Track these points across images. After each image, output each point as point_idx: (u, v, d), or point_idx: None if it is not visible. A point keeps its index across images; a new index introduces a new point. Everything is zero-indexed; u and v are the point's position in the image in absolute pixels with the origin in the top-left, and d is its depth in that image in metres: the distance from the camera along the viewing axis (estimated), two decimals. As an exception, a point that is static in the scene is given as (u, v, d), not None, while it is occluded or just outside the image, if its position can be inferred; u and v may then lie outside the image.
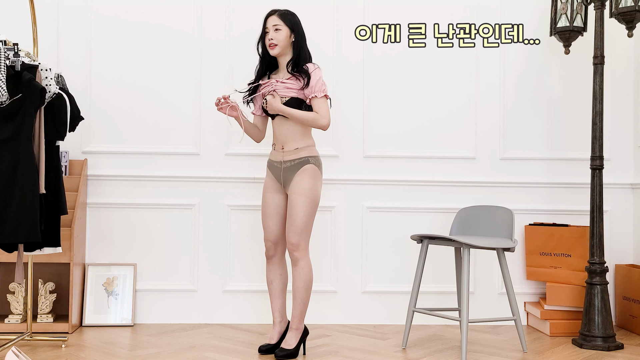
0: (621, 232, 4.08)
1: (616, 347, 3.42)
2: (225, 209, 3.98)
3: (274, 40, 3.18)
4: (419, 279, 3.42)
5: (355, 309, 4.00)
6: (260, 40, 3.28)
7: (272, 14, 3.23)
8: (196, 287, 3.96)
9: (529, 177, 4.06)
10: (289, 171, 3.18)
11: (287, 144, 3.20)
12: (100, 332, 3.67)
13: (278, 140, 3.23)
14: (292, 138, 3.19)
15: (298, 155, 3.18)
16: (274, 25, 3.19)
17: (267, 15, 3.24)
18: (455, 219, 3.66)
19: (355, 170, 4.03)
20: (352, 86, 4.03)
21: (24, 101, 2.93)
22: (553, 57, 4.07)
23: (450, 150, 4.06)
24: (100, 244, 3.94)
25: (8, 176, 2.90)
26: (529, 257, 3.96)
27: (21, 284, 3.56)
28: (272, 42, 3.18)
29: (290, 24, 3.20)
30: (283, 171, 3.20)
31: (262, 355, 3.21)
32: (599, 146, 3.55)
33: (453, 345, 3.49)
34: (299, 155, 3.18)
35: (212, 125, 3.99)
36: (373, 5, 4.05)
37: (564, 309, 3.77)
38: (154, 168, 3.97)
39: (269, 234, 3.25)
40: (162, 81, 3.99)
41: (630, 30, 3.47)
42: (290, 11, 3.26)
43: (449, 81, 4.06)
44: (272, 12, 3.24)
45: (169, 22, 4.00)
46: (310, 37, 3.97)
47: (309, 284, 3.17)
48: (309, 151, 3.20)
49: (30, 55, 3.21)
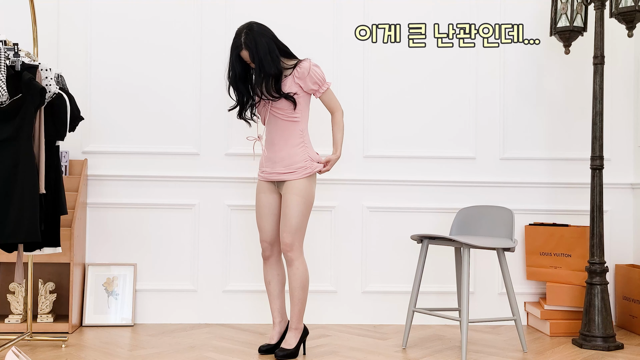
0: (621, 232, 4.08)
1: (616, 347, 3.42)
2: (225, 209, 3.98)
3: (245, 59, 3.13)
4: (419, 279, 3.42)
5: (355, 309, 4.00)
6: (229, 75, 3.17)
7: (236, 47, 3.11)
8: (196, 287, 3.96)
9: (529, 177, 4.06)
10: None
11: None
12: (100, 332, 3.67)
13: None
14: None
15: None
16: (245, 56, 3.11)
17: (235, 51, 3.13)
18: (455, 219, 3.66)
19: (355, 170, 4.03)
20: (352, 86, 4.03)
21: (24, 101, 2.93)
22: (553, 57, 4.07)
23: (450, 150, 4.06)
24: (100, 244, 3.94)
25: (8, 176, 2.90)
26: (529, 257, 3.96)
27: (21, 284, 3.56)
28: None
29: (248, 44, 3.07)
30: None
31: (262, 356, 3.21)
32: (599, 146, 3.55)
33: (453, 345, 3.49)
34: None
35: (212, 125, 3.99)
36: (373, 5, 4.05)
37: (564, 309, 3.77)
38: (154, 168, 3.97)
39: (264, 234, 3.25)
40: (162, 81, 3.99)
41: (630, 30, 3.47)
42: (248, 28, 3.09)
43: (449, 81, 4.06)
44: (236, 45, 3.11)
45: (169, 22, 4.00)
46: (311, 37, 3.99)
47: (305, 284, 3.17)
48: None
49: (30, 55, 3.21)
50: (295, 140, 3.16)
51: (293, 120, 3.15)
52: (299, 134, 3.16)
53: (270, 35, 3.13)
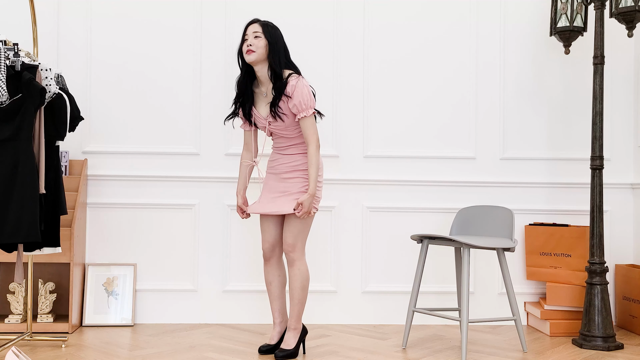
0: (621, 232, 4.08)
1: (616, 347, 3.41)
2: (225, 209, 3.98)
3: (252, 47, 3.05)
4: (419, 279, 3.42)
5: (355, 309, 4.00)
6: (239, 51, 3.15)
7: (253, 22, 3.13)
8: (196, 287, 3.96)
9: (529, 177, 4.06)
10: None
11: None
12: (100, 332, 3.67)
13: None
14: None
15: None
16: (254, 32, 3.08)
17: (248, 24, 3.14)
18: (455, 219, 3.66)
19: (355, 170, 4.03)
20: (353, 86, 4.03)
21: (24, 101, 2.93)
22: (553, 57, 4.07)
23: (450, 150, 4.06)
24: (100, 244, 3.94)
25: (8, 176, 2.90)
26: (529, 257, 3.96)
27: (21, 284, 3.56)
28: (250, 48, 3.06)
29: (270, 36, 3.08)
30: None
31: (262, 356, 3.21)
32: (599, 146, 3.55)
33: (453, 345, 3.49)
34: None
35: (212, 125, 3.99)
36: (373, 5, 4.04)
37: (564, 309, 3.77)
38: (154, 168, 3.97)
39: (266, 235, 3.24)
40: (162, 81, 3.99)
41: (630, 30, 3.47)
42: (272, 24, 3.14)
43: (449, 81, 4.06)
44: (253, 21, 3.14)
45: (169, 21, 4.00)
46: (310, 38, 3.99)
47: (305, 285, 3.17)
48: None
49: (30, 55, 3.21)
50: (300, 146, 3.17)
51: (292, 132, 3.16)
52: (303, 139, 3.17)
53: (283, 39, 3.17)
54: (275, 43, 3.08)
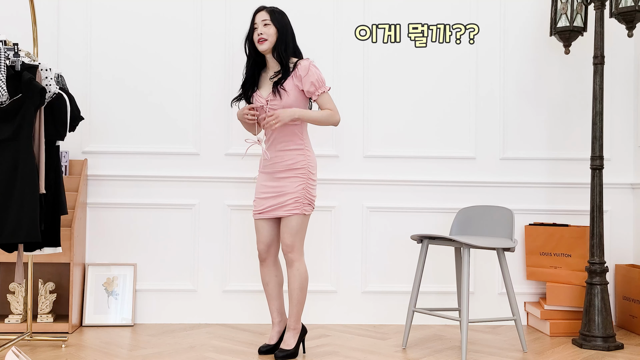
0: (621, 232, 4.08)
1: (616, 347, 3.41)
2: (225, 209, 3.98)
3: (263, 35, 3.09)
4: (419, 279, 3.42)
5: (355, 309, 4.00)
6: (248, 39, 3.19)
7: (260, 9, 3.16)
8: (196, 287, 3.96)
9: (529, 177, 4.06)
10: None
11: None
12: (100, 332, 3.67)
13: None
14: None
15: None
16: (263, 21, 3.11)
17: (256, 11, 3.17)
18: (455, 219, 3.66)
19: (355, 170, 4.03)
20: (352, 86, 4.03)
21: (24, 101, 2.93)
22: (553, 57, 4.07)
23: (450, 150, 4.06)
24: (100, 244, 3.94)
25: (8, 176, 2.90)
26: (529, 257, 3.96)
27: (21, 284, 3.56)
28: (261, 37, 3.10)
29: (278, 23, 3.12)
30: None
31: (261, 356, 3.21)
32: (599, 146, 3.55)
33: (453, 345, 3.49)
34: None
35: (212, 125, 3.99)
36: (373, 5, 4.05)
37: (564, 309, 3.77)
38: (154, 168, 3.97)
39: (261, 236, 3.23)
40: (163, 81, 3.99)
41: (630, 30, 3.47)
42: (279, 10, 3.19)
43: (449, 81, 4.06)
44: (260, 8, 3.16)
45: (169, 20, 4.00)
46: (311, 37, 3.98)
47: (304, 285, 3.16)
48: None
49: (30, 55, 3.21)
50: (296, 144, 3.16)
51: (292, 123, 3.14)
52: (298, 137, 3.16)
53: (290, 25, 3.22)
54: (285, 30, 3.14)
